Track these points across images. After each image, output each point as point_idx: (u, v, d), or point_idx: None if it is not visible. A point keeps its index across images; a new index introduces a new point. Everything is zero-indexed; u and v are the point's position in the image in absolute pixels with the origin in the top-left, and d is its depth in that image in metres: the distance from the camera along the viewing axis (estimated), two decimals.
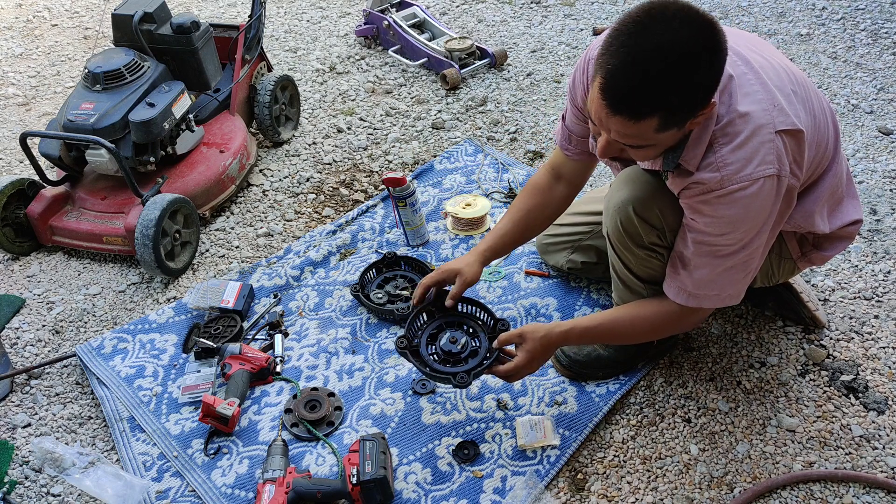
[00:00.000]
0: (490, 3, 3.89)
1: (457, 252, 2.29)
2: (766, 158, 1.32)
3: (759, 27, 3.41)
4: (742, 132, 1.32)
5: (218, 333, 2.02)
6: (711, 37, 1.19)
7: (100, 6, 4.13)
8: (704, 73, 1.20)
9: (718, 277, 1.46)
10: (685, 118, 1.27)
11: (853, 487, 1.61)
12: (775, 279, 1.76)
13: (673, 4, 1.19)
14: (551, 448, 1.71)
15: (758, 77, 1.36)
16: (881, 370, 1.85)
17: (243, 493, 1.66)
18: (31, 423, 1.87)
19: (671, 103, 1.22)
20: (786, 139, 1.34)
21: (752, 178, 1.32)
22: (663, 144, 1.34)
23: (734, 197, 1.34)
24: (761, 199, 1.34)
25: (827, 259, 1.71)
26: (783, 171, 1.34)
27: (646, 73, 1.18)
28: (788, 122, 1.34)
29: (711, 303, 1.51)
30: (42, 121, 3.12)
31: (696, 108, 1.25)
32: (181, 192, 2.34)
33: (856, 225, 1.65)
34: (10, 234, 2.36)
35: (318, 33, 3.72)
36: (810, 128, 1.41)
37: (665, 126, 1.26)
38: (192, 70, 2.53)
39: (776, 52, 1.51)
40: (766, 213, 1.38)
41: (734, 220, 1.36)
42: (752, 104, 1.33)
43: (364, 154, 2.82)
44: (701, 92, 1.23)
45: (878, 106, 2.82)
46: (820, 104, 1.50)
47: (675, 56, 1.17)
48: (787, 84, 1.40)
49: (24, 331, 2.14)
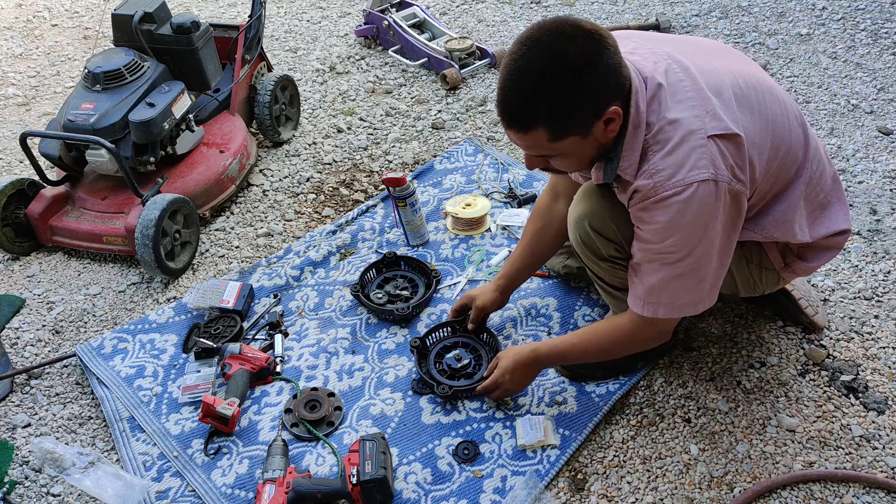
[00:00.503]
0: (490, 3, 3.89)
1: (456, 252, 2.30)
2: (698, 163, 1.31)
3: (759, 27, 3.41)
4: (672, 138, 1.33)
5: (218, 333, 2.02)
6: (583, 50, 1.25)
7: (100, 6, 4.13)
8: (574, 83, 1.26)
9: (669, 285, 1.44)
10: (574, 126, 1.31)
11: (853, 487, 1.61)
12: (760, 289, 1.72)
13: (554, 22, 1.27)
14: (551, 448, 1.71)
15: (694, 84, 1.37)
16: (881, 370, 1.85)
17: (243, 493, 1.66)
18: (31, 423, 1.87)
19: (548, 113, 1.28)
20: (721, 144, 1.33)
21: (684, 182, 1.32)
22: (577, 153, 1.38)
23: (668, 202, 1.34)
24: (697, 204, 1.32)
25: (812, 270, 1.68)
26: (719, 176, 1.32)
27: (519, 87, 1.28)
28: (722, 126, 1.33)
29: (667, 311, 1.48)
30: (42, 121, 3.12)
31: (581, 116, 1.30)
32: (181, 192, 2.34)
33: (843, 235, 1.62)
34: (10, 234, 2.36)
35: (318, 33, 3.72)
36: (758, 133, 1.39)
37: (557, 135, 1.32)
38: (192, 70, 2.53)
39: (734, 59, 1.51)
40: (707, 219, 1.35)
41: (672, 226, 1.35)
42: (682, 111, 1.34)
43: (364, 154, 2.82)
44: (578, 100, 1.27)
45: (878, 106, 2.82)
46: (783, 110, 1.47)
47: (546, 68, 1.25)
48: (729, 89, 1.39)
49: (24, 331, 2.14)
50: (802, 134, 1.52)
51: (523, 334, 2.00)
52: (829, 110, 2.83)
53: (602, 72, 1.27)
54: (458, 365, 1.86)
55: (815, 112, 2.82)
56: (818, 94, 2.93)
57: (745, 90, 1.42)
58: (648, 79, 1.37)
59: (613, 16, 3.64)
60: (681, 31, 3.45)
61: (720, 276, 1.46)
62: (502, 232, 2.37)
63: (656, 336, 1.58)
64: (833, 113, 2.81)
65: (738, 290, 1.73)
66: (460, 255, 2.29)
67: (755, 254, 1.63)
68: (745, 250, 1.62)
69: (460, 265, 2.25)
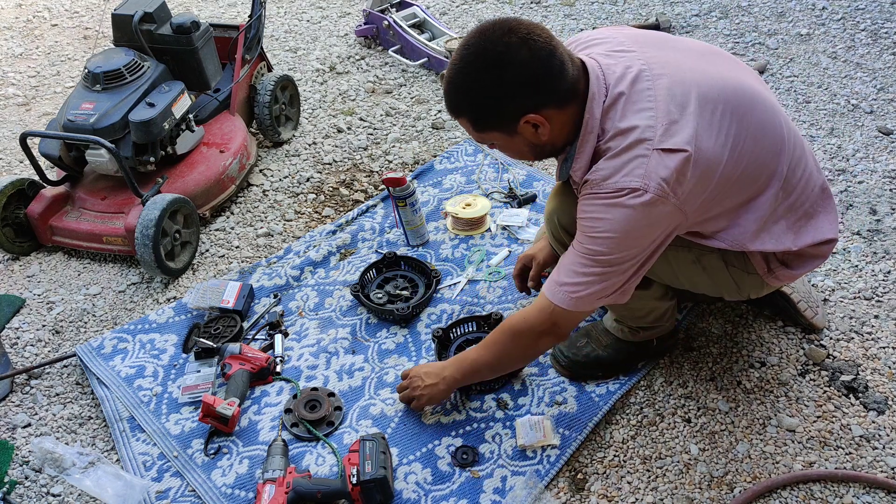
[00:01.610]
0: (490, 3, 3.89)
1: (456, 252, 2.30)
2: (633, 171, 1.33)
3: (759, 27, 3.41)
4: (620, 145, 1.36)
5: (218, 333, 2.02)
6: (500, 55, 1.33)
7: (100, 6, 4.13)
8: (490, 84, 1.36)
9: (578, 276, 1.44)
10: (493, 124, 1.42)
11: (853, 487, 1.61)
12: (745, 293, 1.69)
13: (492, 24, 1.36)
14: (551, 448, 1.71)
15: (659, 94, 1.37)
16: (881, 370, 1.85)
17: (243, 493, 1.66)
18: (31, 423, 1.87)
19: (469, 107, 1.42)
20: (665, 158, 1.32)
21: (615, 186, 1.34)
22: (508, 146, 1.49)
23: (596, 202, 1.38)
24: (625, 216, 1.34)
25: (796, 277, 1.65)
26: (651, 187, 1.32)
27: (452, 78, 1.41)
28: (672, 141, 1.33)
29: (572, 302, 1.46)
30: (42, 121, 3.12)
31: (497, 116, 1.40)
32: (181, 192, 2.34)
33: (829, 244, 1.60)
34: (10, 234, 2.36)
35: (318, 33, 3.72)
36: (719, 148, 1.38)
37: (479, 126, 1.44)
38: (192, 70, 2.53)
39: (720, 64, 1.49)
40: (630, 225, 1.35)
41: (598, 228, 1.38)
42: (637, 120, 1.36)
43: (364, 154, 2.82)
44: (492, 101, 1.38)
45: (878, 106, 2.82)
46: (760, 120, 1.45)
47: (470, 66, 1.37)
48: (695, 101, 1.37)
49: (24, 331, 2.14)
50: (783, 143, 1.49)
51: None
52: (829, 110, 2.83)
53: (517, 81, 1.35)
54: None
55: (815, 112, 2.82)
56: (818, 94, 2.93)
57: (715, 101, 1.40)
58: (611, 86, 1.40)
59: (613, 16, 3.64)
60: (681, 31, 3.45)
61: (633, 281, 1.46)
62: (502, 232, 2.37)
63: (549, 328, 1.54)
64: (833, 113, 2.81)
65: (721, 294, 1.71)
66: (460, 255, 2.29)
67: (738, 258, 1.60)
68: (724, 253, 1.59)
69: (460, 265, 2.25)
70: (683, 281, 1.68)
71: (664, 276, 1.68)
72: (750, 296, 1.71)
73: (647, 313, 1.77)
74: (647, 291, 1.70)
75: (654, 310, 1.76)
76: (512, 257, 2.25)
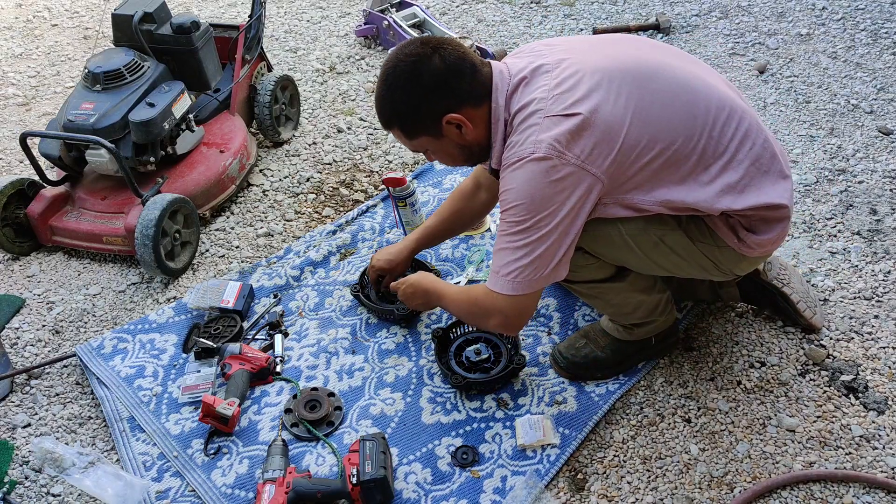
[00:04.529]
0: (490, 3, 3.89)
1: (456, 252, 2.30)
2: (528, 139, 1.43)
3: (759, 27, 3.41)
4: (518, 123, 1.48)
5: (218, 333, 2.02)
6: (413, 65, 1.48)
7: (100, 6, 4.13)
8: (407, 90, 1.50)
9: (511, 257, 1.49)
10: (419, 128, 1.54)
11: (853, 487, 1.61)
12: (727, 269, 1.66)
13: (408, 43, 1.53)
14: (551, 447, 1.71)
15: (555, 73, 1.48)
16: (881, 370, 1.85)
17: (243, 493, 1.66)
18: (31, 423, 1.87)
19: (395, 115, 1.55)
20: (559, 122, 1.42)
21: (516, 157, 1.45)
22: (439, 150, 1.60)
23: (504, 176, 1.48)
24: (528, 177, 1.43)
25: (766, 244, 1.60)
26: (549, 152, 1.41)
27: (377, 96, 1.56)
28: (562, 108, 1.43)
29: (512, 286, 1.51)
30: (42, 121, 3.12)
31: (420, 119, 1.52)
32: (181, 192, 2.34)
33: (781, 209, 1.57)
34: (10, 234, 2.36)
35: (318, 33, 3.72)
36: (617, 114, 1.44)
37: (409, 133, 1.56)
38: (192, 70, 2.53)
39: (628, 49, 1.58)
40: (540, 192, 1.43)
41: (509, 197, 1.46)
42: (533, 95, 1.47)
43: (364, 154, 2.82)
44: (410, 107, 1.51)
45: (878, 106, 2.82)
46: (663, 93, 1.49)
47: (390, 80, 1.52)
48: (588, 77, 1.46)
49: (24, 331, 2.14)
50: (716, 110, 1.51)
51: (523, 334, 2.00)
52: (829, 110, 2.82)
53: (432, 84, 1.48)
54: (476, 358, 1.88)
55: (815, 112, 2.82)
56: (818, 94, 2.93)
57: (611, 76, 1.47)
58: (513, 75, 1.53)
59: (613, 16, 3.64)
60: (681, 31, 3.45)
61: (563, 253, 1.49)
62: None
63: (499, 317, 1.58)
64: (833, 113, 2.81)
65: (707, 275, 1.69)
66: (460, 255, 2.29)
67: (702, 232, 1.59)
68: (686, 229, 1.58)
69: (460, 265, 2.25)
70: (659, 267, 1.66)
71: (639, 266, 1.66)
72: (734, 272, 1.69)
73: (635, 308, 1.76)
74: (622, 283, 1.69)
75: (642, 304, 1.75)
76: None
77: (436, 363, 1.91)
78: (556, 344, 1.95)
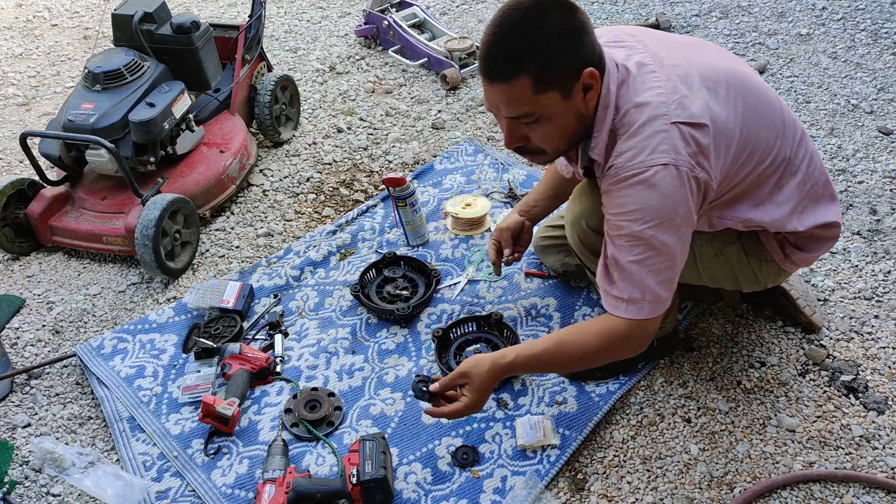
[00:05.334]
0: (490, 3, 3.89)
1: (456, 252, 2.29)
2: (658, 147, 1.32)
3: (759, 27, 3.41)
4: (636, 122, 1.35)
5: (218, 333, 2.02)
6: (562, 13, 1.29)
7: (100, 6, 4.13)
8: (555, 26, 1.28)
9: (635, 276, 1.39)
10: (555, 78, 1.31)
11: (853, 487, 1.61)
12: (762, 283, 1.72)
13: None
14: (551, 448, 1.71)
15: (664, 73, 1.38)
16: (881, 370, 1.85)
17: (243, 493, 1.66)
18: (31, 423, 1.87)
19: (532, 58, 1.28)
20: (684, 130, 1.33)
21: (644, 165, 1.32)
22: (558, 117, 1.36)
23: (628, 184, 1.34)
24: (659, 188, 1.32)
25: (811, 261, 1.67)
26: (679, 161, 1.32)
27: (501, 35, 1.30)
28: (686, 114, 1.34)
29: (638, 309, 1.40)
30: (42, 121, 3.12)
31: (562, 66, 1.30)
32: (181, 192, 2.34)
33: (835, 228, 1.62)
34: (10, 234, 2.36)
35: (318, 33, 3.72)
36: (728, 124, 1.39)
37: (540, 86, 1.30)
38: (192, 70, 2.53)
39: (708, 53, 1.51)
40: (673, 203, 1.33)
41: (633, 209, 1.35)
42: (649, 96, 1.36)
43: (364, 154, 2.82)
44: (558, 48, 1.29)
45: (878, 106, 2.82)
46: (759, 105, 1.47)
47: (523, 14, 1.28)
48: (698, 81, 1.39)
49: (24, 331, 2.14)
50: (792, 126, 1.52)
51: (523, 335, 2.00)
52: (829, 110, 2.83)
53: (579, 33, 1.31)
54: None
55: (815, 112, 2.82)
56: (818, 94, 2.93)
57: (717, 83, 1.42)
58: (620, 65, 1.40)
59: (613, 16, 3.64)
60: (681, 30, 3.45)
61: (680, 269, 1.44)
62: None
63: (633, 342, 1.46)
64: (833, 113, 2.81)
65: (740, 286, 1.73)
66: (460, 255, 2.29)
67: (755, 247, 1.63)
68: (743, 242, 1.62)
69: (460, 265, 2.25)
70: (706, 276, 1.69)
71: (688, 275, 1.65)
72: (767, 285, 1.73)
73: None
74: None
75: None
76: None
77: (436, 363, 1.91)
78: None
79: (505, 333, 1.96)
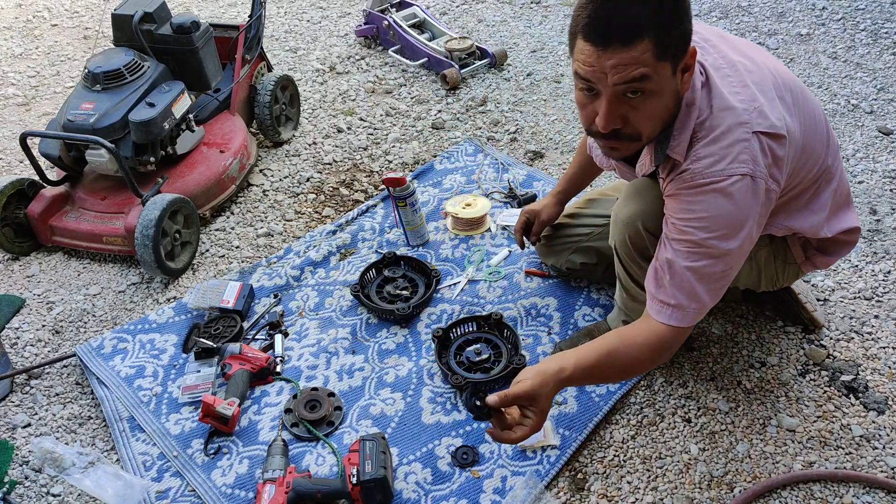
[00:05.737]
0: (490, 3, 3.89)
1: (456, 252, 2.30)
2: (739, 157, 1.29)
3: (759, 27, 3.41)
4: (718, 127, 1.31)
5: (218, 333, 2.02)
6: None
7: (100, 6, 4.13)
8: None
9: (698, 284, 1.35)
10: (674, 46, 1.22)
11: (853, 487, 1.61)
12: (780, 284, 1.76)
13: None
14: (551, 448, 1.71)
15: (740, 78, 1.35)
16: (881, 370, 1.85)
17: (243, 493, 1.66)
18: (31, 423, 1.87)
19: (657, 20, 1.19)
20: (764, 141, 1.30)
21: (723, 174, 1.29)
22: (664, 94, 1.27)
23: (703, 191, 1.31)
24: (734, 198, 1.29)
25: (830, 263, 1.71)
26: (758, 172, 1.29)
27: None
28: (767, 124, 1.31)
29: (683, 316, 1.37)
30: (42, 121, 3.12)
31: (680, 34, 1.22)
32: (181, 192, 2.34)
33: (855, 233, 1.66)
34: (10, 234, 2.36)
35: (318, 33, 3.72)
36: (797, 134, 1.38)
37: (661, 50, 1.20)
38: (192, 70, 2.53)
39: (767, 57, 1.48)
40: (745, 214, 1.31)
41: (703, 216, 1.31)
42: (732, 102, 1.32)
43: (364, 154, 2.82)
44: (681, 11, 1.21)
45: (878, 106, 2.82)
46: (815, 112, 1.48)
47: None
48: (772, 88, 1.37)
49: (24, 331, 2.14)
50: (829, 140, 1.53)
51: (523, 334, 2.00)
52: (829, 110, 2.83)
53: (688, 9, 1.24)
54: (476, 359, 1.88)
55: None
56: (818, 94, 2.93)
57: (785, 91, 1.40)
58: (699, 63, 1.34)
59: None
60: None
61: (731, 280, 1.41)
62: (502, 232, 2.37)
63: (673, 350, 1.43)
64: (833, 113, 2.81)
65: (759, 285, 1.75)
66: (460, 255, 2.29)
67: (781, 249, 1.66)
68: (773, 247, 1.65)
69: (460, 265, 2.25)
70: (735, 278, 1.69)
71: None
72: (783, 286, 1.77)
73: None
74: None
75: None
76: (512, 257, 2.25)
77: (436, 363, 1.91)
78: (556, 343, 1.95)
79: (505, 333, 1.96)
